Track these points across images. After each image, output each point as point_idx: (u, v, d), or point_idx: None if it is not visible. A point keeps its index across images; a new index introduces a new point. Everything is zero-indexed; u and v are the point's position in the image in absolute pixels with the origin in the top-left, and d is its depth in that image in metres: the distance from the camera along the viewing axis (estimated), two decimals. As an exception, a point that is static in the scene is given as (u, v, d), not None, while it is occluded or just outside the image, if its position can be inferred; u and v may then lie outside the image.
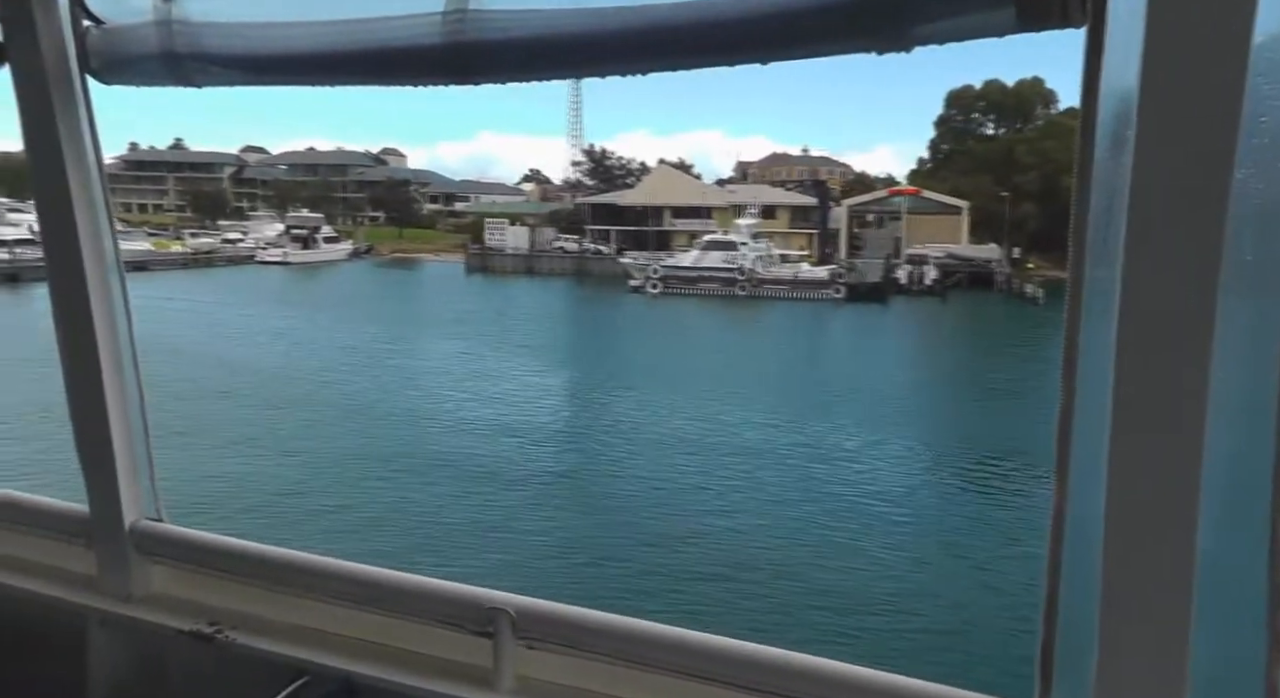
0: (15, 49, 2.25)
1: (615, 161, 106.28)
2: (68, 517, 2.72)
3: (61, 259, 2.41)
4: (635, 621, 2.06)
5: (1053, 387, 1.55)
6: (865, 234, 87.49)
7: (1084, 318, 1.47)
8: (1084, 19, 1.41)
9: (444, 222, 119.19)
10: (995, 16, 1.46)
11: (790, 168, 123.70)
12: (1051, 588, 1.59)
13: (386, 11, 1.84)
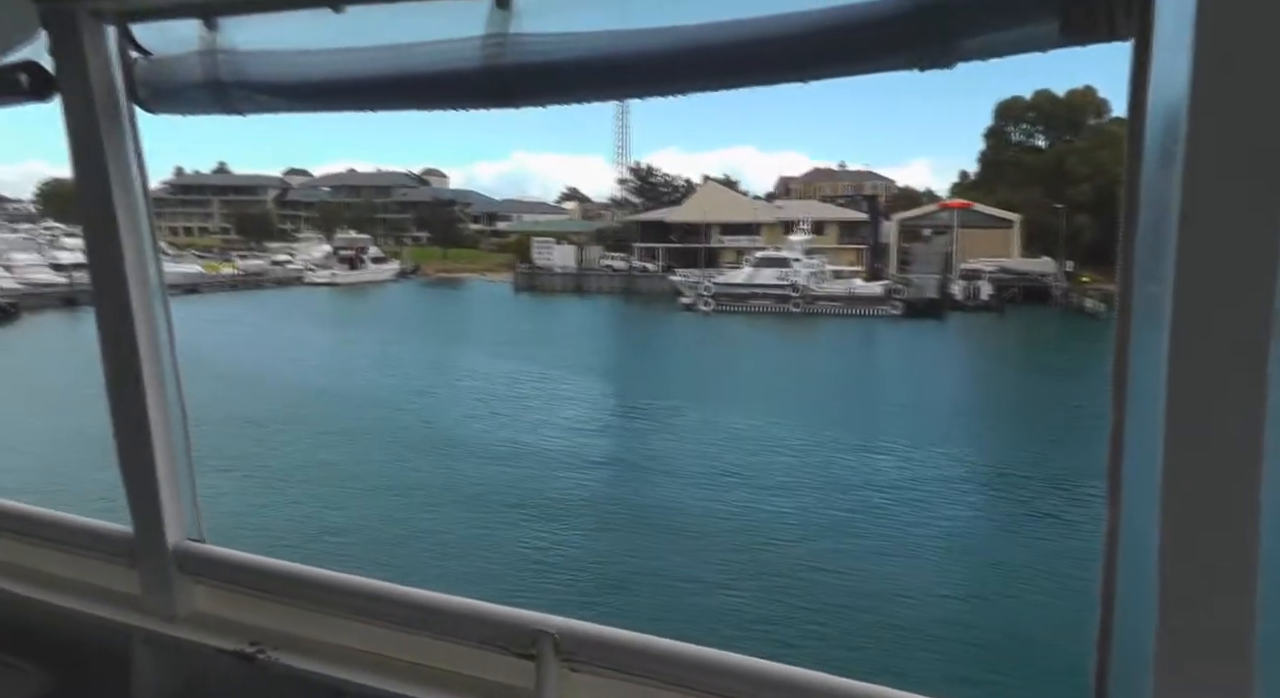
0: (66, 80, 2.31)
1: (661, 179, 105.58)
2: (112, 537, 2.78)
3: (107, 284, 2.47)
4: (679, 643, 2.04)
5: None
6: (913, 249, 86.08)
7: (1134, 334, 1.45)
8: (1130, 31, 1.41)
9: (487, 241, 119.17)
10: (1039, 30, 1.46)
11: (834, 183, 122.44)
12: (1105, 612, 1.56)
13: (427, 37, 1.86)
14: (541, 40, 1.79)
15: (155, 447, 2.57)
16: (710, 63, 1.70)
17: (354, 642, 2.43)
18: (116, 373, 2.57)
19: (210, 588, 2.68)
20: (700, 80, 1.74)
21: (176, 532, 2.64)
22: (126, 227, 2.43)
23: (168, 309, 2.60)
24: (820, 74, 1.64)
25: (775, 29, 1.62)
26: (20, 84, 2.34)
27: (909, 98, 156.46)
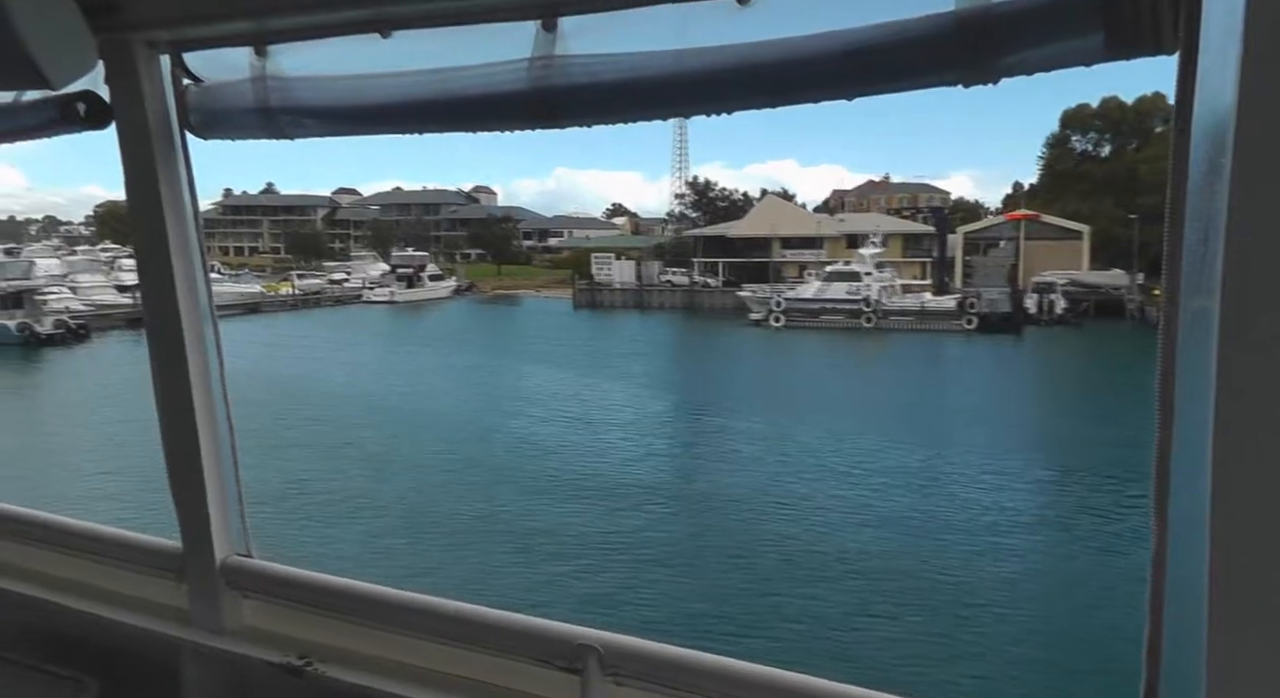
0: (121, 108, 2.36)
1: (718, 193, 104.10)
2: (161, 552, 2.81)
3: (158, 305, 2.52)
4: (725, 659, 2.03)
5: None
6: (974, 261, 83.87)
7: (1180, 349, 1.44)
8: (1176, 44, 1.40)
9: (539, 257, 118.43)
10: (1083, 44, 1.45)
11: (889, 195, 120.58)
12: (1154, 630, 1.55)
13: (474, 60, 1.89)
14: (587, 61, 1.80)
15: (204, 465, 2.61)
16: (755, 82, 1.68)
17: (401, 655, 2.45)
18: (166, 393, 2.61)
19: (258, 602, 2.70)
20: (746, 99, 1.72)
21: (224, 547, 2.68)
22: (178, 249, 2.48)
23: (217, 331, 2.64)
24: (864, 91, 1.64)
25: (819, 47, 1.60)
26: (78, 112, 2.37)
27: (949, 110, 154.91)
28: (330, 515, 21.91)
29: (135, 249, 2.56)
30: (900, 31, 1.54)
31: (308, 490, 23.90)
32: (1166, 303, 1.44)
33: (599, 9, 1.80)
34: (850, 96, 1.66)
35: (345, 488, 24.25)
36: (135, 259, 2.57)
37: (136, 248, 2.55)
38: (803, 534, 20.47)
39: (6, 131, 2.57)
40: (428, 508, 22.90)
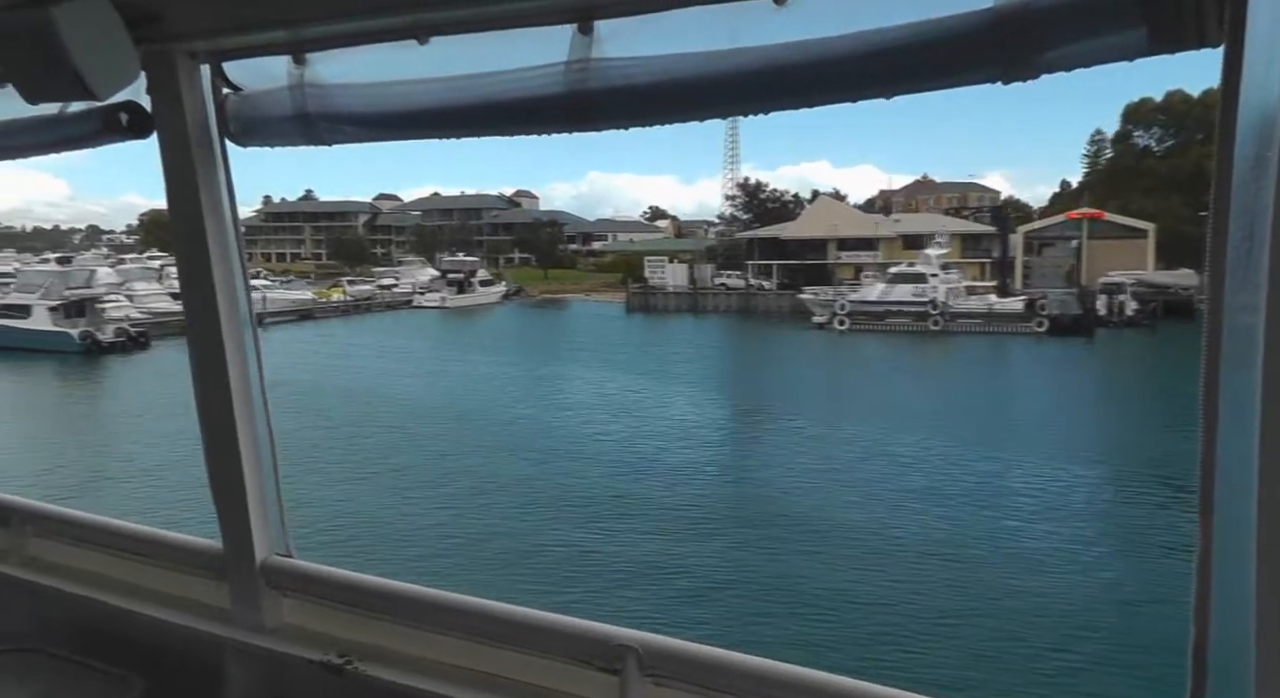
0: (162, 117, 2.40)
1: (769, 194, 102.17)
2: (202, 552, 2.86)
3: (199, 311, 2.57)
4: (764, 660, 2.03)
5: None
6: (1030, 262, 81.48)
7: (1225, 347, 1.41)
8: (1221, 38, 1.38)
9: (583, 261, 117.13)
10: (1126, 38, 1.43)
11: (938, 195, 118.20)
12: (1200, 631, 1.53)
13: (511, 64, 1.89)
14: (624, 64, 1.79)
15: (244, 467, 2.63)
16: (792, 82, 1.67)
17: (440, 655, 2.44)
18: (207, 397, 2.63)
19: (297, 601, 2.71)
20: (783, 100, 1.71)
21: (264, 547, 2.69)
22: (218, 255, 2.50)
23: (257, 336, 2.65)
24: (901, 90, 1.62)
25: (856, 47, 1.58)
26: (121, 122, 2.39)
27: (981, 109, 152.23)
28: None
29: (176, 256, 2.57)
30: (938, 29, 1.51)
31: (546, 549, 20.20)
32: (1210, 300, 1.41)
33: (634, 12, 1.78)
34: (888, 96, 1.64)
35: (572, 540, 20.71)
36: (176, 265, 2.59)
37: (178, 254, 2.56)
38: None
39: (52, 142, 2.58)
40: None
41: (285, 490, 2.79)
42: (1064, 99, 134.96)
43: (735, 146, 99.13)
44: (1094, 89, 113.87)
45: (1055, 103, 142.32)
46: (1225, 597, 1.45)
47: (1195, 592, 1.51)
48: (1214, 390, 1.41)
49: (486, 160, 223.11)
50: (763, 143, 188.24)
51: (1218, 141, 1.37)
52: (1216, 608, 1.48)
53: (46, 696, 2.84)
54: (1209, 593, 1.49)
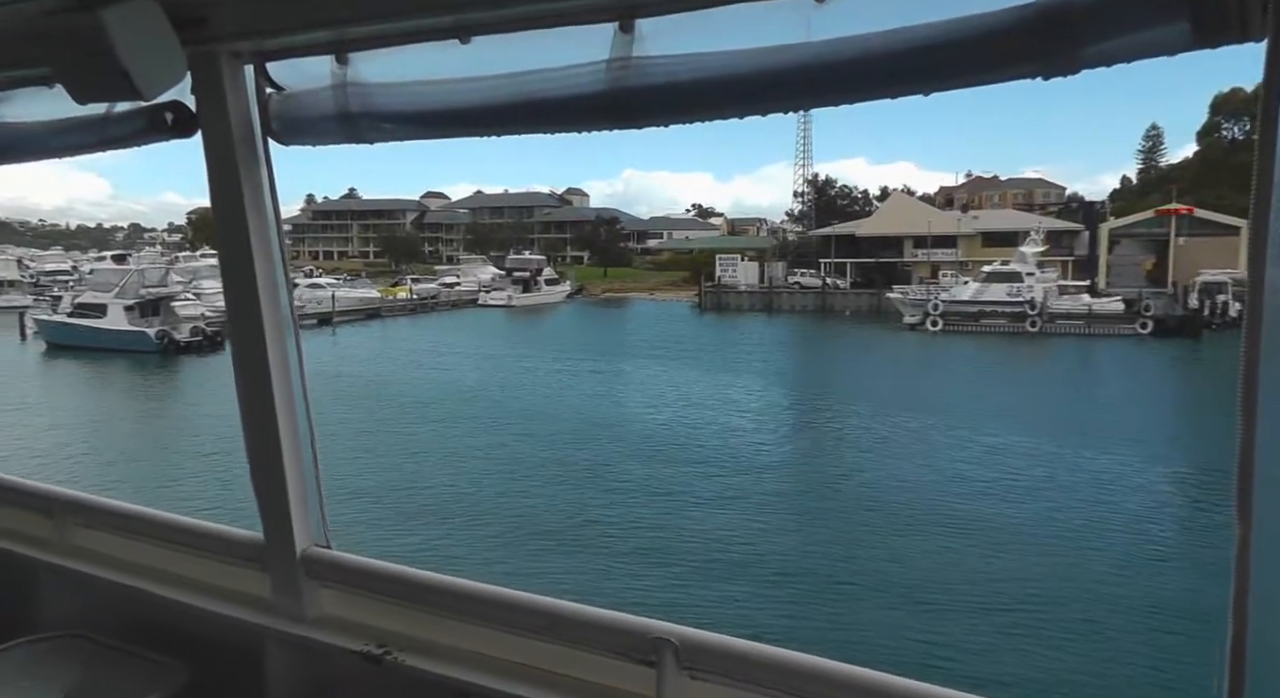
0: (206, 116, 2.41)
1: (839, 190, 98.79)
2: (244, 543, 2.88)
3: (241, 307, 2.57)
4: (802, 655, 2.02)
5: None
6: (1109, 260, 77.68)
7: (1264, 339, 1.39)
8: (1264, 31, 1.35)
9: (638, 259, 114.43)
10: (1168, 33, 1.40)
11: (1002, 191, 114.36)
12: (1238, 627, 1.50)
13: (553, 63, 1.88)
14: (665, 62, 1.78)
15: (285, 460, 2.63)
16: (833, 79, 1.66)
17: (478, 646, 2.45)
18: (249, 391, 2.63)
19: (337, 592, 2.72)
20: (823, 97, 1.70)
21: (304, 538, 2.70)
22: (260, 252, 2.50)
23: (297, 331, 2.65)
24: (942, 86, 1.60)
25: (896, 43, 1.57)
26: (166, 121, 2.40)
27: (1016, 105, 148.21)
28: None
29: (220, 252, 2.60)
30: (978, 25, 1.50)
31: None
32: (1250, 293, 1.39)
33: (676, 10, 1.77)
34: (928, 92, 1.61)
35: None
36: (219, 262, 2.61)
37: (221, 251, 2.59)
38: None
39: (99, 141, 2.57)
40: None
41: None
42: (1098, 93, 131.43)
43: (807, 142, 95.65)
44: (1130, 83, 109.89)
45: (1091, 97, 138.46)
46: (1263, 596, 1.43)
47: (1233, 591, 1.47)
48: (1253, 387, 1.39)
49: (521, 159, 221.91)
50: (796, 139, 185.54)
51: (1259, 136, 1.35)
52: (1255, 607, 1.45)
53: (92, 681, 2.76)
54: (1247, 592, 1.45)
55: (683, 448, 27.83)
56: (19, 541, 3.45)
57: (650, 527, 19.77)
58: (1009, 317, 60.23)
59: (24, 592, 3.35)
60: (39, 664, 2.85)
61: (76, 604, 3.24)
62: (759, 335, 65.08)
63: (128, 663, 2.83)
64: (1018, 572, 17.15)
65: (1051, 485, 23.49)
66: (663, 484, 23.58)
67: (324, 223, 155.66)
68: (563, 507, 21.37)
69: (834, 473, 25.05)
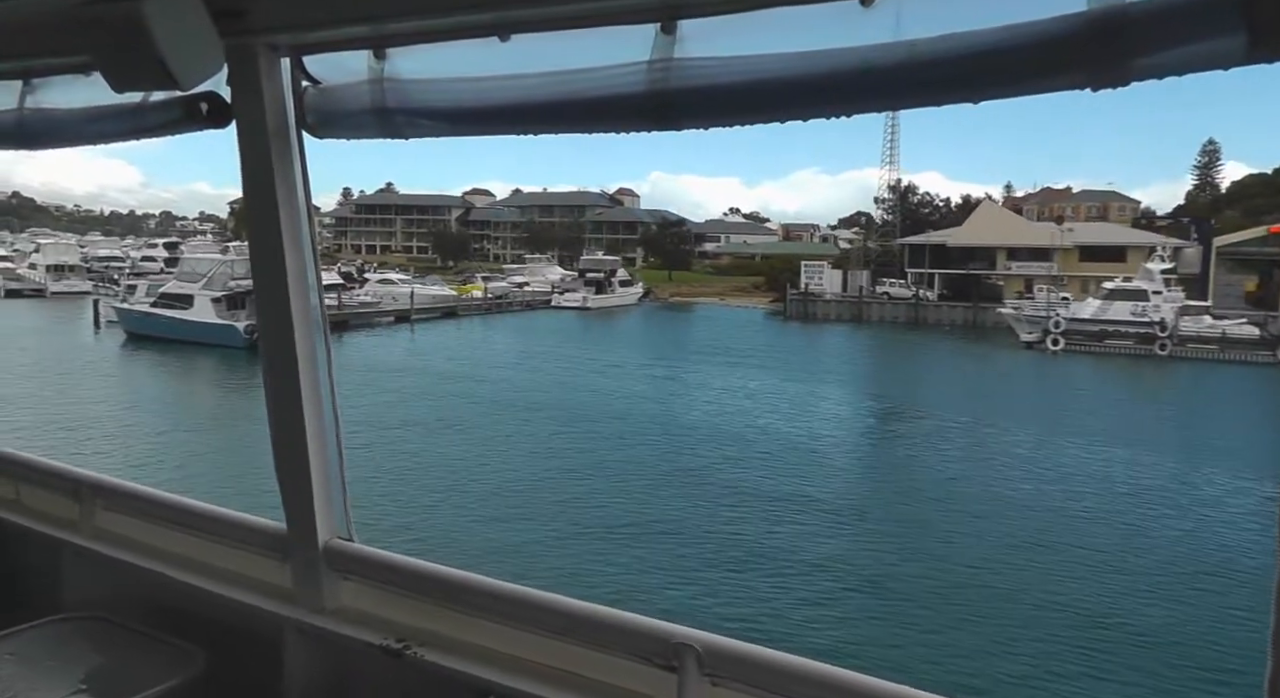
0: (241, 108, 2.38)
1: (921, 198, 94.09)
2: (267, 533, 2.85)
3: (269, 295, 2.54)
4: (826, 665, 1.97)
5: None
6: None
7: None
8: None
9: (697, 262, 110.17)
10: (1224, 45, 1.33)
11: (1075, 204, 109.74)
12: (1276, 665, 1.47)
13: (592, 63, 1.84)
14: (706, 64, 1.73)
15: (310, 452, 2.61)
16: (877, 85, 1.59)
17: (498, 644, 2.41)
18: (276, 382, 2.61)
19: (357, 584, 2.70)
20: (866, 102, 1.64)
21: (327, 530, 2.68)
22: (290, 244, 2.49)
23: (325, 321, 2.63)
24: (989, 95, 1.55)
25: (943, 49, 1.51)
26: (201, 112, 2.38)
27: (1051, 117, 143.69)
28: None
29: (250, 242, 2.57)
30: (1028, 33, 1.44)
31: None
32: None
33: (719, 12, 1.72)
34: (975, 100, 1.56)
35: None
36: (250, 250, 2.59)
37: (252, 241, 2.56)
38: None
39: (134, 130, 2.54)
40: None
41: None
42: (1138, 107, 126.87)
43: (895, 147, 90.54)
44: (1173, 96, 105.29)
45: (1132, 111, 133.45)
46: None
47: (1273, 623, 1.44)
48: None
49: (548, 159, 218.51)
50: (827, 146, 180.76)
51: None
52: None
53: (113, 663, 2.75)
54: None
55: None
56: (46, 521, 3.45)
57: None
58: (1135, 338, 55.47)
59: (49, 572, 3.35)
60: (62, 645, 2.83)
61: (99, 586, 3.24)
62: (858, 348, 60.57)
63: (148, 647, 2.79)
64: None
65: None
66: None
67: (366, 217, 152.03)
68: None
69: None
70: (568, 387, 38.39)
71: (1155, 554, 18.07)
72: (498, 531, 18.15)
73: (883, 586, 16.01)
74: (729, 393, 37.86)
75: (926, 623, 14.43)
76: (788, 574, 16.36)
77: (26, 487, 3.62)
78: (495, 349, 51.95)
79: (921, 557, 17.60)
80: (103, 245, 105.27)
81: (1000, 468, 25.46)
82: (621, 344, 57.46)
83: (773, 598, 15.22)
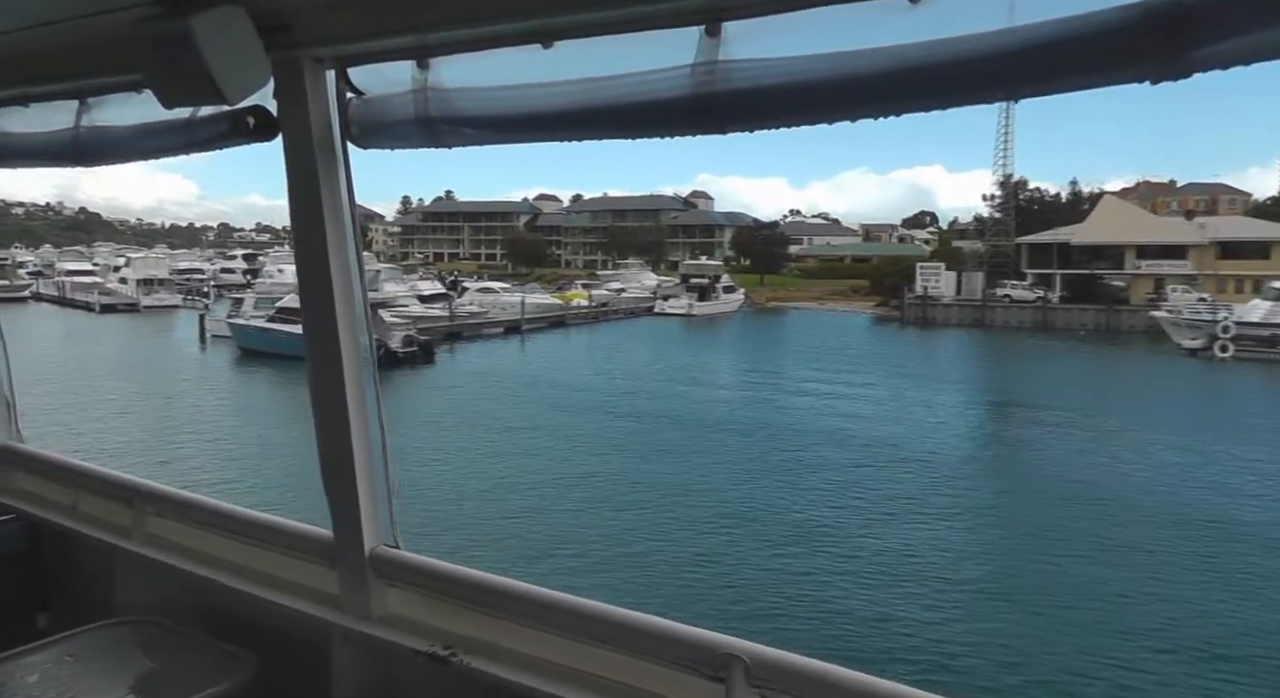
0: (287, 120, 2.39)
1: (1032, 194, 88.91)
2: (314, 540, 2.86)
3: (315, 305, 2.55)
4: (877, 679, 1.92)
5: None
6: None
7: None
8: None
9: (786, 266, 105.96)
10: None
11: (1184, 197, 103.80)
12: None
13: (637, 67, 1.81)
14: (751, 66, 1.68)
15: (356, 459, 2.61)
16: (927, 83, 1.53)
17: (544, 652, 2.39)
18: (323, 392, 2.61)
19: (403, 592, 2.70)
20: (915, 101, 1.57)
21: (373, 537, 2.69)
22: (335, 252, 2.49)
23: (371, 331, 2.63)
24: (1042, 91, 1.48)
25: (995, 45, 1.45)
26: (248, 125, 2.40)
27: (1101, 112, 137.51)
28: None
29: (296, 253, 2.56)
30: (1082, 26, 1.38)
31: None
32: None
33: (764, 12, 1.67)
34: (1028, 96, 1.51)
35: None
36: (296, 262, 2.57)
37: (297, 251, 2.55)
38: None
39: (184, 144, 2.56)
40: None
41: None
42: (1186, 98, 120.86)
43: (1008, 143, 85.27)
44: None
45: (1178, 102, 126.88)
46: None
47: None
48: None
49: (593, 165, 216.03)
50: (876, 145, 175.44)
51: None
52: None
53: (165, 666, 2.78)
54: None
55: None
56: (101, 527, 3.48)
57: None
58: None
59: (103, 576, 3.38)
60: (117, 647, 2.86)
61: (151, 591, 3.26)
62: (999, 356, 56.08)
63: (199, 651, 2.81)
64: None
65: None
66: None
67: (434, 224, 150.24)
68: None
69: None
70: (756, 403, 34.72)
71: None
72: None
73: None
74: (924, 406, 33.88)
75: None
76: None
77: (83, 494, 3.66)
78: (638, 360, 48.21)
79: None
80: (183, 258, 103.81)
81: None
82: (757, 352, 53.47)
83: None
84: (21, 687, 2.60)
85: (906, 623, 13.95)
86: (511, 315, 60.52)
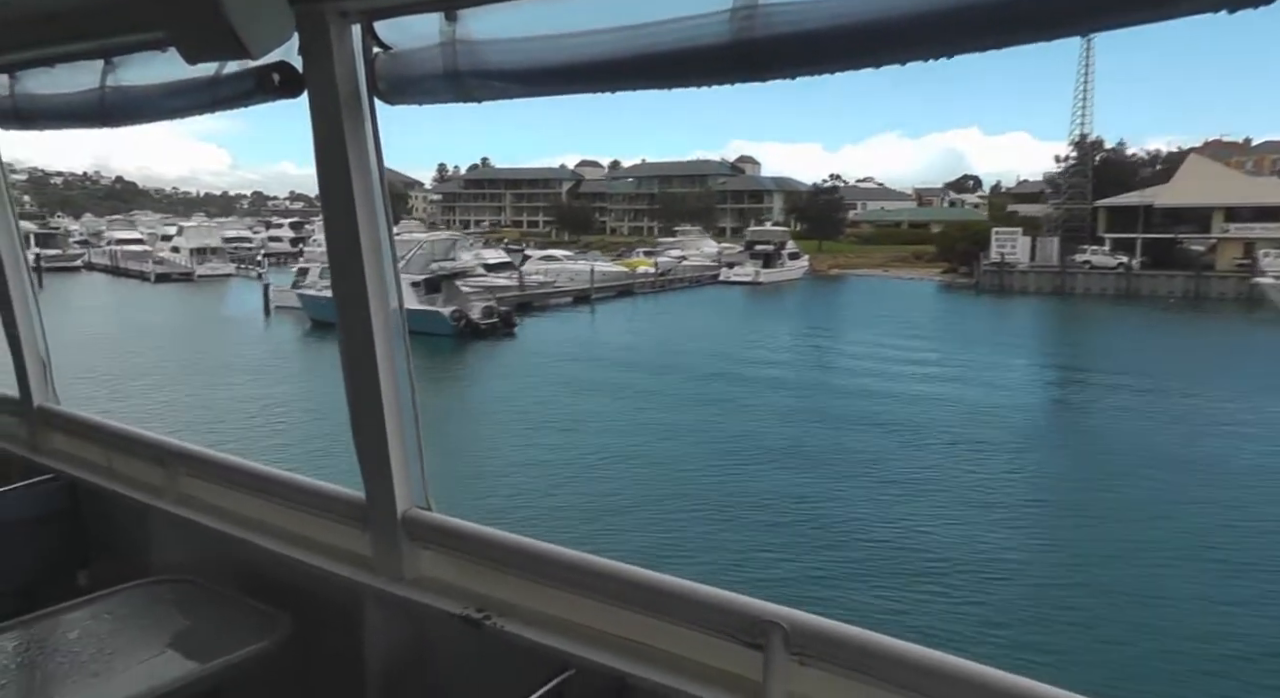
0: (313, 76, 2.34)
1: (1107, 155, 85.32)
2: (346, 501, 2.84)
3: (343, 266, 2.51)
4: (918, 647, 1.87)
5: None
6: None
7: None
8: None
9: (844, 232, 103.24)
10: None
11: (1260, 156, 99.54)
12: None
13: (672, 14, 1.72)
14: (793, 9, 1.58)
15: (387, 422, 2.59)
16: (976, 22, 1.40)
17: (577, 616, 2.37)
18: (353, 353, 2.59)
19: (436, 554, 2.69)
20: (966, 42, 1.44)
21: (405, 499, 2.68)
22: (364, 211, 2.45)
23: (400, 289, 2.60)
24: (1108, 24, 1.32)
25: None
26: (273, 82, 2.35)
27: (1141, 71, 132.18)
28: None
29: (324, 212, 2.53)
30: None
31: None
32: None
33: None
34: (1091, 32, 1.37)
35: None
36: (324, 221, 2.54)
37: (325, 211, 2.52)
38: None
39: (209, 102, 2.51)
40: None
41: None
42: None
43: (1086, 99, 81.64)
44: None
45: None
46: None
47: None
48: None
49: (627, 129, 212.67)
50: (907, 108, 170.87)
51: None
52: None
53: (203, 624, 2.82)
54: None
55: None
56: (134, 486, 3.52)
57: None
58: None
59: (139, 535, 3.41)
60: (154, 605, 2.88)
61: (185, 550, 3.27)
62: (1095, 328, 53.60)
63: (235, 609, 2.82)
64: None
65: None
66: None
67: (475, 191, 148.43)
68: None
69: None
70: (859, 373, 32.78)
71: None
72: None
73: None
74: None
75: None
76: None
77: (116, 454, 3.69)
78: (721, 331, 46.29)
79: None
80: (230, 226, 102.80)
81: None
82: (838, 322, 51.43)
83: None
84: (62, 642, 2.65)
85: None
86: (580, 284, 58.73)
